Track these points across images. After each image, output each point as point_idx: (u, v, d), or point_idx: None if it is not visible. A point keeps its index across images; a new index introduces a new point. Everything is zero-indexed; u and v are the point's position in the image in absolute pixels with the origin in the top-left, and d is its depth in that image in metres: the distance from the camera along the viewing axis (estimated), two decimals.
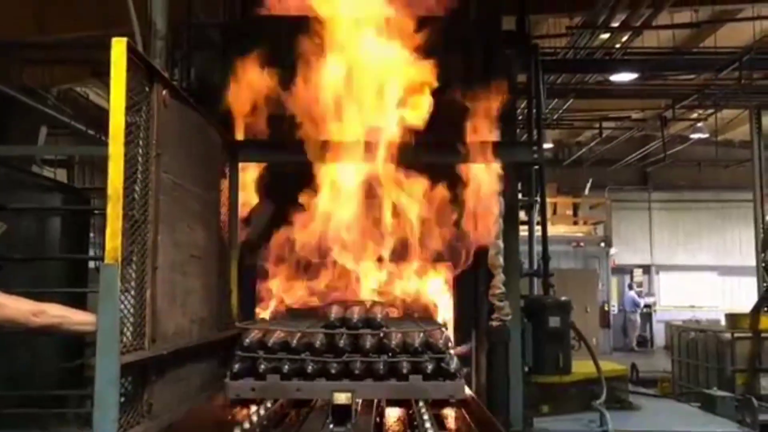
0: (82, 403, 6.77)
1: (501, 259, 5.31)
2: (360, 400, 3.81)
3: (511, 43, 6.05)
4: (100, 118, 12.21)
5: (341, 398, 3.51)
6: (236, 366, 3.78)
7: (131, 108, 3.03)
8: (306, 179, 5.24)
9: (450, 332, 5.29)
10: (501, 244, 5.33)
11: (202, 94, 5.20)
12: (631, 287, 22.74)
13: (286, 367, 3.73)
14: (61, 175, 12.93)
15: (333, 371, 3.72)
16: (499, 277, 5.32)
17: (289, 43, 5.27)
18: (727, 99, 13.73)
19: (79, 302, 7.22)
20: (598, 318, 17.20)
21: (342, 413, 3.52)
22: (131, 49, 2.97)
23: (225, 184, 4.71)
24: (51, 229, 7.34)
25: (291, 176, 5.31)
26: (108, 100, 2.92)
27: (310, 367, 3.73)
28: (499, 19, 6.00)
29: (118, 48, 2.92)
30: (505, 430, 4.92)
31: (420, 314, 5.19)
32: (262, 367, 3.73)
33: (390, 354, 3.78)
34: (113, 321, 2.77)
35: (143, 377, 3.16)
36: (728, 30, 12.55)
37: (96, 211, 8.45)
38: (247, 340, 3.85)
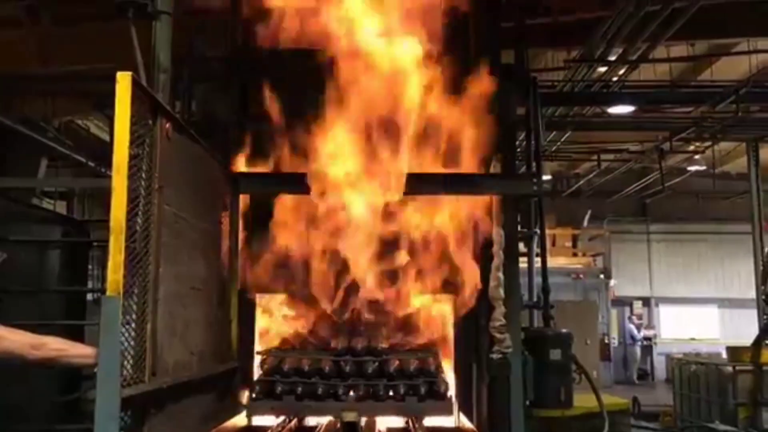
0: None
1: (501, 292, 5.30)
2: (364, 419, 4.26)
3: (509, 76, 6.09)
4: (100, 151, 12.26)
5: (350, 416, 4.00)
6: (257, 388, 4.35)
7: (134, 141, 3.05)
8: (306, 209, 5.27)
9: (450, 362, 5.30)
10: (501, 276, 5.32)
11: (204, 126, 5.24)
12: (631, 320, 22.64)
13: (300, 389, 4.29)
14: (61, 207, 12.95)
15: (340, 393, 4.29)
16: (500, 310, 5.30)
17: (291, 75, 5.34)
18: (725, 131, 13.79)
19: (77, 335, 7.17)
20: (598, 350, 17.07)
21: (351, 429, 4.01)
22: (135, 83, 3.00)
23: (226, 215, 4.71)
24: (50, 261, 7.29)
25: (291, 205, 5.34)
26: (110, 133, 2.95)
27: (320, 389, 4.28)
28: (498, 53, 6.05)
29: (123, 82, 2.94)
30: None
31: (418, 343, 5.26)
32: (279, 389, 4.28)
33: (389, 378, 4.36)
34: (114, 354, 2.76)
35: (143, 411, 3.14)
36: (725, 63, 12.66)
37: (95, 244, 8.44)
38: (266, 366, 4.46)
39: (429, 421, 4.87)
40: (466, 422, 5.03)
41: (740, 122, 12.66)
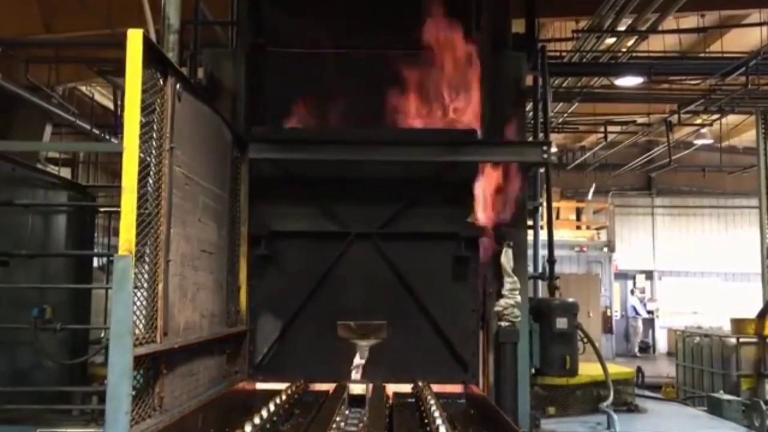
0: (87, 400, 6.74)
1: (510, 256, 5.31)
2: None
3: (519, 45, 6.03)
4: (104, 118, 12.20)
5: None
6: None
7: (145, 101, 3.01)
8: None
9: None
10: (511, 244, 5.33)
11: (211, 92, 5.19)
12: (632, 293, 22.67)
13: None
14: (65, 174, 12.90)
15: None
16: (508, 278, 5.30)
17: (298, 41, 5.28)
18: (734, 104, 13.68)
19: (83, 299, 7.20)
20: (601, 323, 17.10)
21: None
22: (147, 41, 2.96)
23: (236, 179, 4.69)
24: (57, 226, 7.30)
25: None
26: (113, 99, 2.91)
27: None
28: (508, 21, 5.99)
29: (134, 39, 2.90)
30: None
31: None
32: None
33: None
34: (127, 312, 2.75)
35: (155, 370, 3.15)
36: (735, 35, 12.52)
37: (101, 210, 8.44)
38: None
39: (435, 387, 4.92)
40: (474, 387, 5.06)
41: (749, 94, 12.55)
